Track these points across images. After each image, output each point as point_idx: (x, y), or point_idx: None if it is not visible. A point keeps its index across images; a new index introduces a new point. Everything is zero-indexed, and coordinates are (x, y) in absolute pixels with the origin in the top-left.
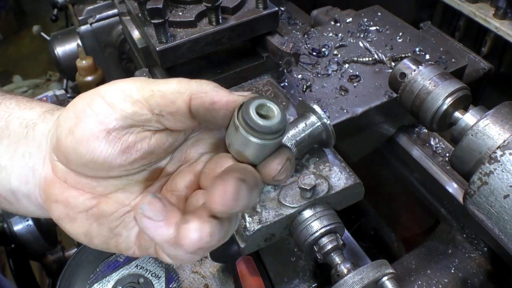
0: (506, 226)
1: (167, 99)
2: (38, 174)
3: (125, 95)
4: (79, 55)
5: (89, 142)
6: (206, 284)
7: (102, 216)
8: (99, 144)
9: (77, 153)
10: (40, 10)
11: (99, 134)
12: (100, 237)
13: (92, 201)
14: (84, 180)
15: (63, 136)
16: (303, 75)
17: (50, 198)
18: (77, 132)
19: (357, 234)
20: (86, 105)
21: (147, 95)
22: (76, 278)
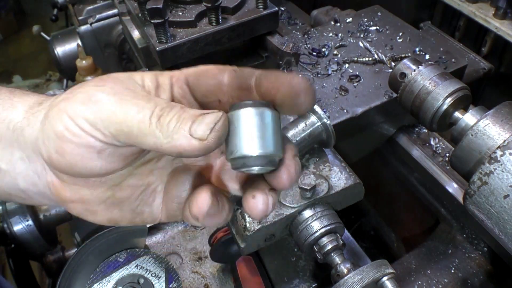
0: (506, 226)
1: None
2: (44, 178)
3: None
4: (79, 55)
5: (84, 163)
6: (206, 284)
7: (120, 203)
8: (96, 164)
9: (75, 171)
10: (40, 10)
11: (90, 156)
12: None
13: (107, 193)
14: (92, 180)
15: (54, 158)
16: (303, 75)
17: (65, 200)
18: (67, 156)
19: (357, 234)
20: (63, 129)
21: (113, 133)
22: (76, 278)
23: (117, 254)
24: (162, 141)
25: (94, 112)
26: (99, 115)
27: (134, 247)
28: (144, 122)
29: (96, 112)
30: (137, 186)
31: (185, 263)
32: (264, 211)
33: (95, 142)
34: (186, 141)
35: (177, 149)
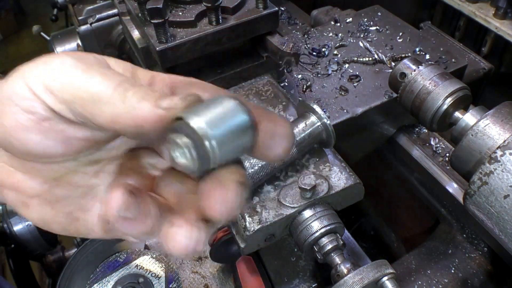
0: (506, 226)
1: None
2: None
3: (46, 88)
4: None
5: (19, 133)
6: (206, 284)
7: (56, 201)
8: (31, 136)
9: (11, 144)
10: (40, 10)
11: (28, 124)
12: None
13: (44, 186)
14: (29, 164)
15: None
16: (303, 75)
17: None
18: (6, 122)
19: (357, 234)
20: (11, 92)
21: (68, 99)
22: (76, 278)
23: (117, 254)
24: (121, 111)
25: (54, 74)
26: (59, 78)
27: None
28: (107, 90)
29: (56, 74)
30: (78, 185)
31: (185, 263)
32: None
33: (40, 109)
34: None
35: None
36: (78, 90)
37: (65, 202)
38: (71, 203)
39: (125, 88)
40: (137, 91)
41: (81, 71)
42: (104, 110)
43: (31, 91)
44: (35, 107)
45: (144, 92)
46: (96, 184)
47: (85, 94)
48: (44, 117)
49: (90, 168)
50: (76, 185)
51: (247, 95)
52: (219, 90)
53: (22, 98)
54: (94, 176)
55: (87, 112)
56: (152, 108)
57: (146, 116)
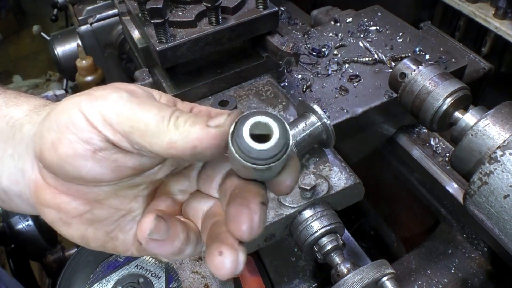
0: (506, 226)
1: (146, 140)
2: (28, 176)
3: (105, 121)
4: (79, 55)
5: (75, 161)
6: (206, 284)
7: (96, 221)
8: (86, 164)
9: (63, 169)
10: (40, 10)
11: (84, 153)
12: (96, 241)
13: (86, 207)
14: (74, 187)
15: (47, 150)
16: (303, 75)
17: (41, 202)
18: (61, 150)
19: (357, 234)
20: (68, 121)
21: (127, 130)
22: (76, 278)
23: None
24: (177, 137)
25: (113, 107)
26: (117, 110)
27: None
28: (164, 121)
29: (115, 107)
30: (118, 208)
31: (185, 263)
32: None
33: (95, 140)
34: (202, 131)
35: (192, 142)
36: (137, 122)
37: (105, 222)
38: (111, 223)
39: (177, 116)
40: (188, 118)
41: (136, 105)
42: (161, 138)
43: (89, 123)
44: (93, 138)
45: (194, 118)
46: (134, 208)
47: (142, 126)
48: (100, 148)
49: (129, 192)
50: (116, 208)
51: (247, 95)
52: None
53: (80, 129)
54: (133, 200)
55: (145, 141)
56: (204, 128)
57: (200, 137)
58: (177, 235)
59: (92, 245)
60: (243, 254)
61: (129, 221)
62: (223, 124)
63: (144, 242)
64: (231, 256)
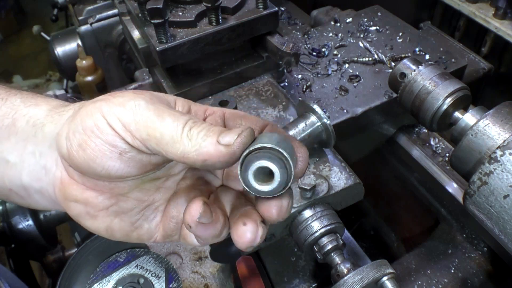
0: (506, 226)
1: (162, 148)
2: (52, 174)
3: (125, 127)
4: (79, 55)
5: (103, 161)
6: (206, 284)
7: (122, 213)
8: (114, 164)
9: (91, 168)
10: (40, 10)
11: (111, 155)
12: (121, 231)
13: (111, 200)
14: (101, 183)
15: (74, 151)
16: (303, 75)
17: (68, 198)
18: (88, 151)
19: (357, 234)
20: (93, 125)
21: (144, 137)
22: (76, 278)
23: (117, 254)
24: (190, 149)
25: (131, 115)
26: (135, 117)
27: (134, 247)
28: (177, 131)
29: (132, 114)
30: (142, 200)
31: (185, 263)
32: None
33: (121, 143)
34: (212, 147)
35: (203, 156)
36: (153, 130)
37: (130, 213)
38: (136, 214)
39: (190, 126)
40: (201, 130)
41: (153, 113)
42: (175, 147)
43: (111, 128)
44: (117, 141)
45: (206, 130)
46: (157, 199)
47: (158, 134)
48: (125, 150)
49: (151, 184)
50: (140, 200)
51: (247, 95)
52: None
53: (105, 133)
54: (155, 191)
55: (161, 149)
56: (214, 144)
57: (211, 153)
58: (218, 219)
59: (117, 235)
60: (262, 230)
61: (152, 210)
62: (233, 145)
63: (193, 225)
64: (252, 228)
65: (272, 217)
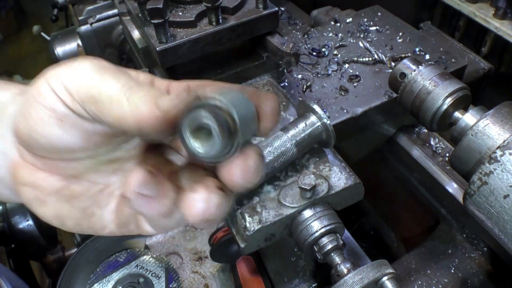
0: (506, 226)
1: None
2: (8, 157)
3: (65, 89)
4: (79, 55)
5: (43, 128)
6: (206, 284)
7: (73, 197)
8: (54, 131)
9: (33, 138)
10: (40, 10)
11: (49, 120)
12: (72, 219)
13: (62, 182)
14: (51, 162)
15: (20, 123)
16: (303, 75)
17: (18, 181)
18: (28, 118)
19: (357, 234)
20: (35, 91)
21: (83, 99)
22: (76, 278)
23: (117, 254)
24: (125, 110)
25: (74, 76)
26: (76, 79)
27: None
28: (116, 91)
29: (76, 76)
30: (95, 183)
31: (185, 263)
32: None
33: (59, 106)
34: (147, 109)
35: (138, 119)
36: (92, 90)
37: (82, 198)
38: (88, 199)
39: (130, 87)
40: (142, 91)
41: (96, 73)
42: (112, 109)
43: (52, 91)
44: (56, 105)
45: (147, 91)
46: (113, 182)
47: (96, 94)
48: (64, 114)
49: (108, 166)
50: (94, 182)
51: None
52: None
53: (44, 97)
54: (111, 174)
55: (98, 110)
56: (152, 109)
57: (145, 115)
58: (166, 193)
59: (67, 224)
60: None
61: (106, 195)
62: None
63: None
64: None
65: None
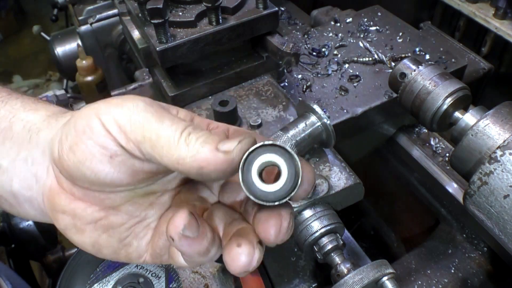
0: (506, 226)
1: (156, 152)
2: (42, 182)
3: (120, 128)
4: (79, 55)
5: (92, 164)
6: (206, 284)
7: (111, 228)
8: (103, 168)
9: (80, 172)
10: (40, 10)
11: (101, 157)
12: (109, 248)
13: (101, 213)
14: (91, 193)
15: (65, 153)
16: (303, 75)
17: (56, 208)
18: (78, 152)
19: (357, 234)
20: (86, 125)
21: (139, 139)
22: (76, 278)
23: None
24: (186, 155)
25: (128, 115)
26: (131, 118)
27: None
28: (175, 135)
29: (129, 115)
30: (133, 215)
31: None
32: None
33: (112, 145)
34: (211, 153)
35: (199, 163)
36: (149, 132)
37: (120, 229)
38: (126, 230)
39: (189, 132)
40: (200, 136)
41: (151, 115)
42: (171, 152)
43: (105, 129)
44: (109, 143)
45: (206, 136)
46: (149, 215)
47: (154, 137)
48: (116, 153)
49: (145, 199)
50: (131, 215)
51: (247, 95)
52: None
53: (97, 134)
54: (148, 207)
55: (156, 153)
56: (213, 151)
57: (208, 159)
58: (205, 234)
59: (104, 252)
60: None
61: (143, 228)
62: (232, 152)
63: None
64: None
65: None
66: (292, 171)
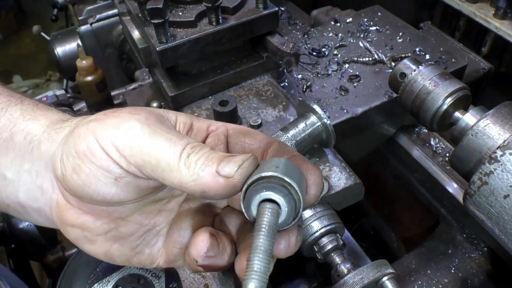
0: (506, 226)
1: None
2: (49, 195)
3: (119, 152)
4: (79, 55)
5: (98, 187)
6: (206, 284)
7: (121, 238)
8: (109, 190)
9: (86, 194)
10: (40, 10)
11: (106, 180)
12: (122, 256)
13: (110, 225)
14: (98, 208)
15: (68, 175)
16: (303, 75)
17: (65, 222)
18: (82, 176)
19: (357, 234)
20: (86, 148)
21: (139, 163)
22: (76, 278)
23: None
24: (187, 179)
25: (125, 139)
26: (129, 142)
27: None
28: (174, 158)
29: (127, 138)
30: (142, 224)
31: None
32: None
33: (115, 168)
34: (211, 178)
35: (201, 187)
36: (148, 157)
37: (130, 238)
38: (136, 239)
39: (188, 153)
40: (200, 157)
41: (148, 136)
42: (171, 177)
43: (105, 153)
44: (111, 166)
45: (205, 157)
46: (158, 222)
47: (154, 161)
48: (120, 175)
49: (153, 207)
50: (140, 224)
51: (247, 95)
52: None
53: (98, 158)
54: (157, 214)
55: (157, 175)
56: (213, 175)
57: (209, 184)
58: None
59: (117, 260)
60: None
61: (154, 235)
62: (233, 178)
63: (200, 260)
64: None
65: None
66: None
